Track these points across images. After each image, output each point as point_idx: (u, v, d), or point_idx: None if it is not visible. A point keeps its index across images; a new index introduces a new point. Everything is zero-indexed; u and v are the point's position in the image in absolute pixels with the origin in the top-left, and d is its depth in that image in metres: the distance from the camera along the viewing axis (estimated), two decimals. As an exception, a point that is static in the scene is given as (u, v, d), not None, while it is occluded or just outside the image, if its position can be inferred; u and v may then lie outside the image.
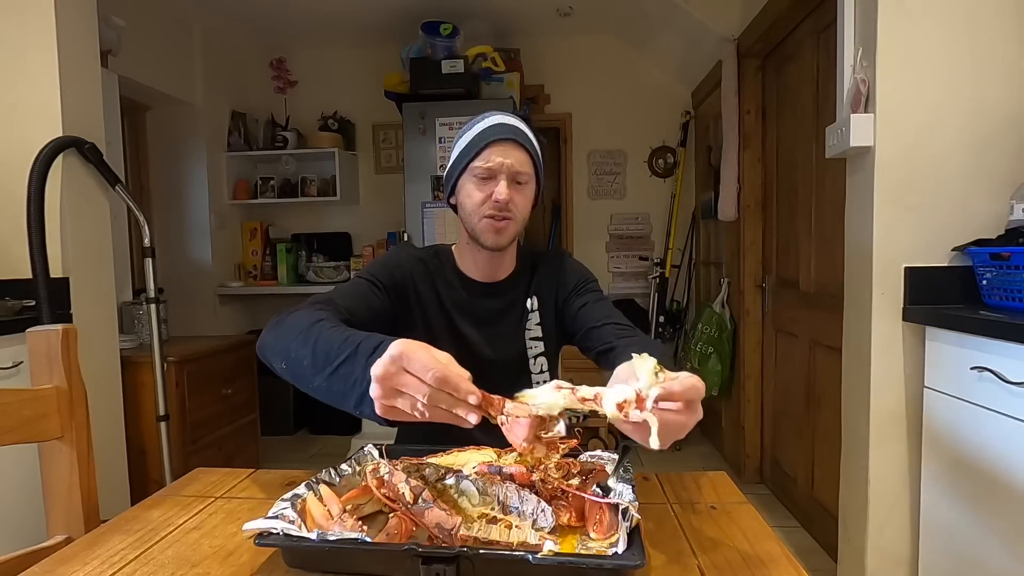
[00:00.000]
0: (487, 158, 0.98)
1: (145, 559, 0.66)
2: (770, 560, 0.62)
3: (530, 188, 1.04)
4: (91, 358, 1.90)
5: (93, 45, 2.08)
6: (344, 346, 0.71)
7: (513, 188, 0.99)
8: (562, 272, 1.13)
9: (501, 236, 1.00)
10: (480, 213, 0.99)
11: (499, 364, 1.07)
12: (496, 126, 1.00)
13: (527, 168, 1.01)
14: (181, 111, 3.28)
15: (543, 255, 1.16)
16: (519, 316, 1.11)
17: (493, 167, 0.98)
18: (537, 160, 1.04)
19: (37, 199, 1.81)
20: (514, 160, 0.98)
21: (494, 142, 0.98)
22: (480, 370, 1.06)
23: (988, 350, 1.24)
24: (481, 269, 1.09)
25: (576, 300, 1.09)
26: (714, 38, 2.85)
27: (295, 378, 0.77)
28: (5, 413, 0.81)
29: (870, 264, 1.55)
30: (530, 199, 1.05)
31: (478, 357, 1.06)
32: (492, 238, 1.00)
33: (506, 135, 0.99)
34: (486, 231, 1.00)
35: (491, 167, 0.98)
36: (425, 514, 0.60)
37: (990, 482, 1.25)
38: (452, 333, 1.07)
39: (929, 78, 1.50)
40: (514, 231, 1.02)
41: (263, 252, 3.70)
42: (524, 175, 1.00)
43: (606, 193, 3.77)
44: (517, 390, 1.09)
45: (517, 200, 1.00)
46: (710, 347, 3.02)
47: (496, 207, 0.98)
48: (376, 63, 3.66)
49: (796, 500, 2.43)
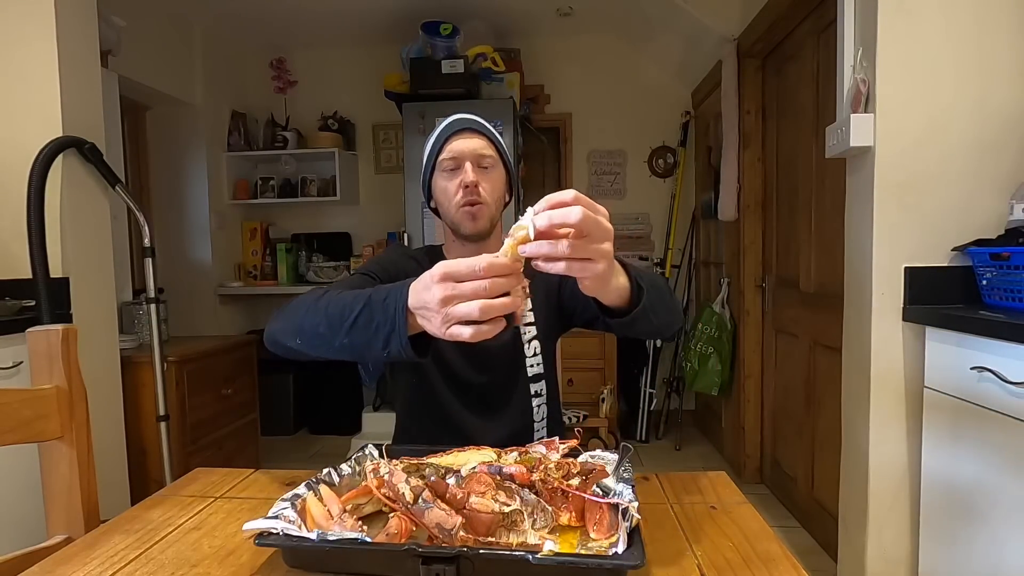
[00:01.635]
0: (450, 149, 1.06)
1: (145, 559, 0.66)
2: (770, 560, 0.62)
3: (497, 172, 1.09)
4: (91, 358, 1.90)
5: (93, 45, 2.08)
6: (355, 302, 0.75)
7: (479, 172, 1.06)
8: None
9: (477, 221, 1.06)
10: (456, 203, 1.05)
11: (493, 349, 1.08)
12: (452, 121, 1.09)
13: (489, 151, 1.08)
14: (181, 111, 3.28)
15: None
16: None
17: (456, 155, 1.06)
18: (499, 145, 1.10)
19: (37, 199, 1.81)
20: (474, 145, 1.06)
21: (453, 135, 1.07)
22: (475, 355, 1.10)
23: (988, 350, 1.24)
24: None
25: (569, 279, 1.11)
26: (714, 38, 2.85)
27: (313, 347, 0.81)
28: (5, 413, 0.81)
29: (870, 264, 1.55)
30: (499, 183, 1.10)
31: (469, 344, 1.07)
32: (469, 224, 1.06)
33: (462, 126, 1.08)
34: (463, 220, 1.06)
35: (454, 156, 1.06)
36: (425, 514, 0.60)
37: (990, 482, 1.25)
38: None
39: (929, 78, 1.51)
40: (488, 215, 1.07)
41: (263, 252, 3.70)
42: (487, 158, 1.07)
43: (606, 193, 3.77)
44: (512, 375, 1.12)
45: (485, 183, 1.06)
46: (710, 347, 3.02)
47: (466, 192, 1.04)
48: (376, 63, 3.66)
49: (796, 500, 2.43)
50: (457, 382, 1.09)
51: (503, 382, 1.12)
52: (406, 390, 1.13)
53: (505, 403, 1.12)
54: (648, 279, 0.81)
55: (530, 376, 1.12)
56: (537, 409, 1.14)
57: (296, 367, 3.67)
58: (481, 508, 0.61)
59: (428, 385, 1.09)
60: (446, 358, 1.09)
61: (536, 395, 1.13)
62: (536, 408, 1.13)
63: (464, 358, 1.09)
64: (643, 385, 3.48)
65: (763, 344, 2.82)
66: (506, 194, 1.14)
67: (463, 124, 1.08)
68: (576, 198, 0.61)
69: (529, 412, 1.13)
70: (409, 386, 1.12)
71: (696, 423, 3.69)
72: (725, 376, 3.00)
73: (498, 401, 1.12)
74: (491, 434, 1.07)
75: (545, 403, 1.15)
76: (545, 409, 1.15)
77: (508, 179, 1.13)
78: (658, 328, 0.87)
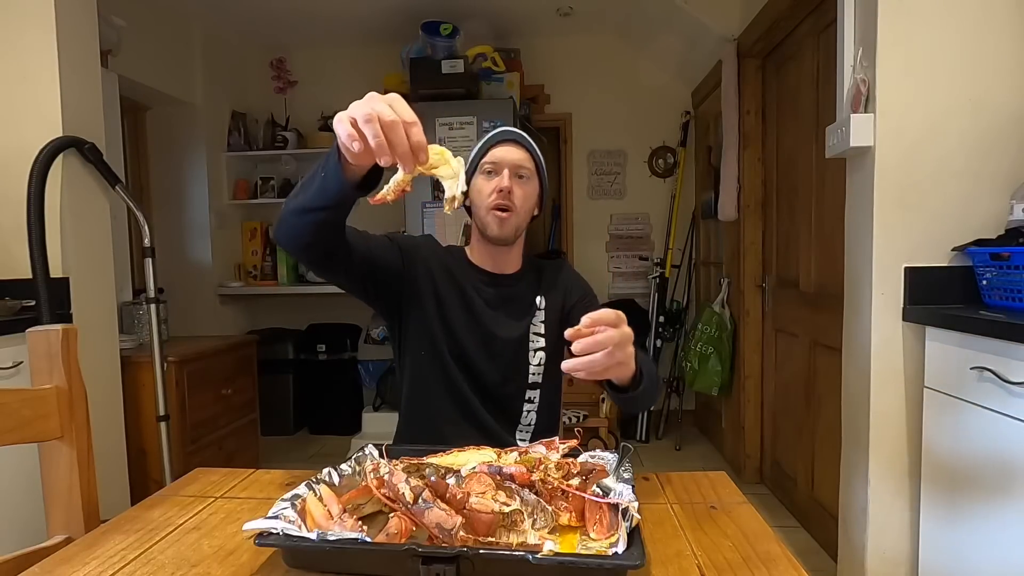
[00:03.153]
0: (492, 155, 1.13)
1: (145, 559, 0.66)
2: (770, 560, 0.62)
3: (532, 184, 1.15)
4: (91, 358, 1.90)
5: (93, 45, 2.08)
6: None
7: (515, 181, 1.12)
8: (569, 280, 1.24)
9: (504, 227, 1.11)
10: (488, 204, 1.11)
11: (501, 341, 1.15)
12: (501, 131, 1.18)
13: (528, 165, 1.14)
14: (181, 111, 3.28)
15: (546, 262, 1.27)
16: (528, 307, 1.19)
17: (497, 161, 1.13)
18: (538, 160, 1.17)
19: (37, 199, 1.81)
20: (516, 156, 1.13)
21: (499, 142, 1.15)
22: (485, 340, 1.14)
23: (988, 350, 1.24)
24: (490, 262, 1.19)
25: (580, 307, 1.18)
26: (714, 38, 2.85)
27: (297, 213, 0.89)
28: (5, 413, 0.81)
29: (870, 264, 1.55)
30: (531, 195, 1.16)
31: (486, 328, 1.15)
32: (496, 228, 1.11)
33: (508, 137, 1.16)
34: (492, 222, 1.12)
35: (495, 161, 1.13)
36: (425, 514, 0.60)
37: (990, 482, 1.25)
38: (464, 303, 1.15)
39: (929, 78, 1.51)
40: (515, 223, 1.13)
41: (263, 252, 3.70)
42: (525, 170, 1.14)
43: (606, 193, 3.77)
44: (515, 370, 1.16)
45: (518, 192, 1.12)
46: (710, 347, 3.02)
47: (500, 196, 1.10)
48: (376, 63, 3.66)
49: (796, 500, 2.43)
50: (464, 360, 1.14)
51: (505, 372, 1.16)
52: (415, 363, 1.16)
53: (502, 393, 1.17)
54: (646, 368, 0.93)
55: (528, 382, 1.17)
56: (525, 414, 1.18)
57: (296, 367, 3.67)
58: (481, 508, 0.61)
59: (438, 360, 1.14)
60: (458, 337, 1.14)
61: (528, 400, 1.18)
62: (524, 412, 1.18)
63: (476, 340, 1.14)
64: (643, 385, 3.48)
65: (763, 344, 2.82)
66: (536, 206, 1.19)
67: (509, 135, 1.16)
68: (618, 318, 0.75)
69: (518, 412, 1.18)
70: (419, 360, 1.15)
71: (696, 423, 3.69)
72: (725, 376, 3.00)
73: (497, 388, 1.16)
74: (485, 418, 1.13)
75: (535, 412, 1.19)
76: (534, 416, 1.19)
77: (541, 193, 1.19)
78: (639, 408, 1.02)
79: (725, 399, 3.13)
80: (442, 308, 1.13)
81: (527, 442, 1.17)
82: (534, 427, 1.19)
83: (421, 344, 1.14)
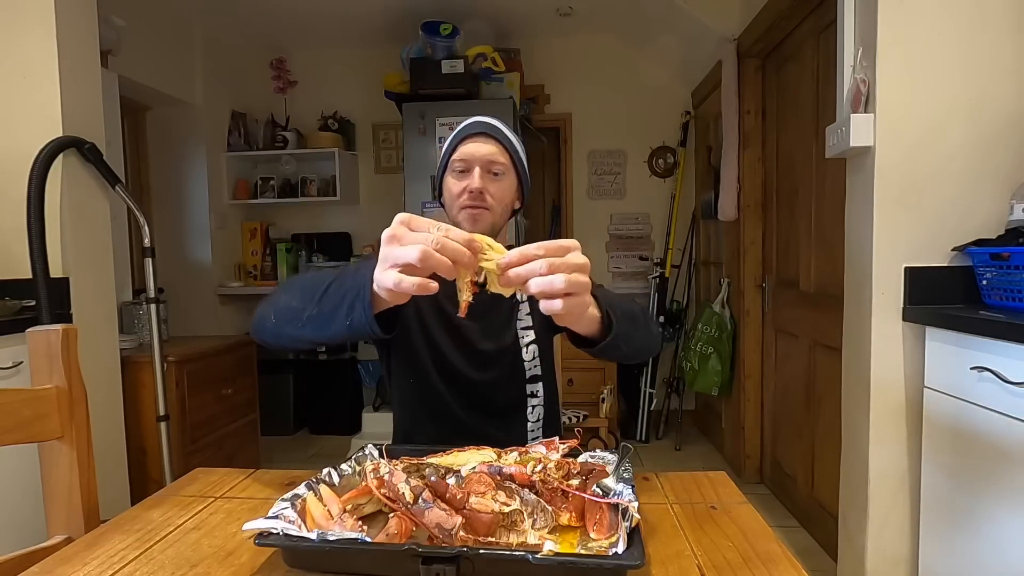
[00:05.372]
0: (462, 152, 1.06)
1: (145, 559, 0.66)
2: (770, 560, 0.62)
3: (508, 179, 1.08)
4: (91, 358, 1.90)
5: (93, 45, 2.08)
6: (329, 275, 0.80)
7: (488, 179, 1.05)
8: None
9: (476, 225, 1.05)
10: (459, 204, 1.06)
11: (492, 353, 1.11)
12: (470, 124, 1.09)
13: (502, 159, 1.07)
14: (181, 111, 3.28)
15: None
16: (510, 306, 1.14)
17: (466, 159, 1.05)
18: (514, 153, 1.09)
19: (37, 199, 1.81)
20: (486, 151, 1.05)
21: (467, 137, 1.07)
22: (474, 357, 1.10)
23: (988, 350, 1.24)
24: None
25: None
26: (714, 38, 2.85)
27: (287, 321, 0.82)
28: (5, 413, 0.81)
29: (870, 264, 1.55)
30: (508, 190, 1.09)
31: (471, 345, 1.10)
32: (469, 227, 1.04)
33: (478, 130, 1.07)
34: (464, 221, 1.05)
35: (465, 159, 1.06)
36: (425, 514, 0.60)
37: (990, 482, 1.25)
38: (445, 322, 1.10)
39: (929, 78, 1.51)
40: (490, 220, 1.06)
41: (263, 252, 3.70)
42: (498, 165, 1.06)
43: (606, 193, 3.77)
44: (510, 378, 1.13)
45: (492, 190, 1.05)
46: (710, 347, 3.02)
47: (470, 197, 1.04)
48: (376, 63, 3.66)
49: (796, 500, 2.43)
50: (456, 381, 1.10)
51: (501, 382, 1.12)
52: (404, 392, 1.13)
53: (502, 403, 1.13)
54: (620, 309, 0.82)
55: (527, 378, 1.14)
56: (532, 410, 1.15)
57: (296, 367, 3.67)
58: (481, 508, 0.61)
59: (428, 385, 1.09)
60: (447, 358, 1.09)
61: (532, 395, 1.14)
62: (531, 409, 1.15)
63: (464, 357, 1.10)
64: (643, 385, 3.49)
65: (763, 344, 2.82)
66: (516, 201, 1.13)
67: (479, 128, 1.07)
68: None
69: (524, 414, 1.14)
70: (408, 387, 1.12)
71: (696, 423, 3.69)
72: (725, 376, 3.00)
73: (495, 400, 1.12)
74: (487, 433, 1.08)
75: (541, 405, 1.16)
76: (541, 411, 1.16)
77: (520, 186, 1.12)
78: (629, 355, 0.89)
79: (725, 399, 3.13)
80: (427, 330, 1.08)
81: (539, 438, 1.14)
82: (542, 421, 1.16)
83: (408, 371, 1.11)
